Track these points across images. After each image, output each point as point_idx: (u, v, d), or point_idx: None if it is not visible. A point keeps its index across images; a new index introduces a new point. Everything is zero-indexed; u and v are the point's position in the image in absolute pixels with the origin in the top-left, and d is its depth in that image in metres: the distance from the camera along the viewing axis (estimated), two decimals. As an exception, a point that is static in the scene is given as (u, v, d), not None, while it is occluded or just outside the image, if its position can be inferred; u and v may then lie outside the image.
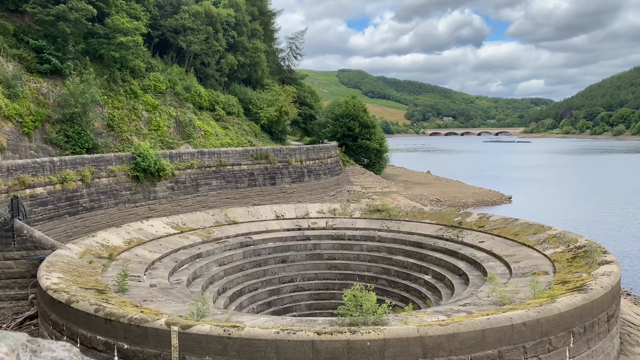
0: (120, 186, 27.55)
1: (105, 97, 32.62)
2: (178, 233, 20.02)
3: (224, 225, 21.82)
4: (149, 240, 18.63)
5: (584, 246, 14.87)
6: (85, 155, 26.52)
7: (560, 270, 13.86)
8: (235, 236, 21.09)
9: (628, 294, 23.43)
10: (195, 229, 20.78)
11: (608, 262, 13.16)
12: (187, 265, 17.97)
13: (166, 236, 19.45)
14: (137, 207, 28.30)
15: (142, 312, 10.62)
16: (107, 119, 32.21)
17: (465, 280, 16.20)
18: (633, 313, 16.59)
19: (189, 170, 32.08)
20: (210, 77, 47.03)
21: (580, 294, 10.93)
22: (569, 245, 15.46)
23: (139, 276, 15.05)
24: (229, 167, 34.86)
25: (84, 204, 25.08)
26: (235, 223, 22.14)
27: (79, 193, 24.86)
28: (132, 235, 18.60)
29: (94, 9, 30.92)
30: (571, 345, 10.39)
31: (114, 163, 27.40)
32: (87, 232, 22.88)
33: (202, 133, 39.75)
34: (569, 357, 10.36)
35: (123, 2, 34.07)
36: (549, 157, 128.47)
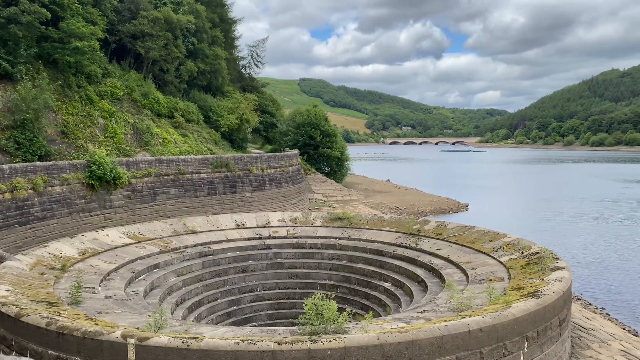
0: (75, 195, 26.71)
1: (59, 102, 31.63)
2: (135, 243, 19.54)
3: (182, 234, 21.43)
4: (105, 251, 18.10)
5: (537, 253, 15.35)
6: (37, 163, 25.58)
7: (514, 277, 14.23)
8: (194, 246, 20.74)
9: (578, 299, 24.37)
10: (153, 239, 20.32)
11: (560, 268, 13.62)
12: (144, 276, 17.54)
13: (122, 246, 18.94)
14: (92, 216, 27.48)
15: (96, 324, 10.29)
16: (60, 126, 31.21)
17: (424, 287, 16.44)
18: (583, 317, 17.21)
19: (146, 179, 31.40)
20: (169, 83, 46.32)
21: (533, 299, 11.26)
22: (522, 252, 15.92)
23: (93, 288, 14.59)
24: (188, 175, 34.34)
25: (35, 214, 24.16)
26: (194, 232, 21.78)
27: (30, 202, 23.94)
28: (87, 245, 18.03)
29: (48, 13, 29.97)
30: (525, 349, 10.69)
31: (67, 171, 26.54)
32: (39, 243, 22.05)
33: (160, 140, 39.05)
34: (524, 361, 10.64)
35: (79, 6, 33.12)
36: (504, 166, 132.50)
